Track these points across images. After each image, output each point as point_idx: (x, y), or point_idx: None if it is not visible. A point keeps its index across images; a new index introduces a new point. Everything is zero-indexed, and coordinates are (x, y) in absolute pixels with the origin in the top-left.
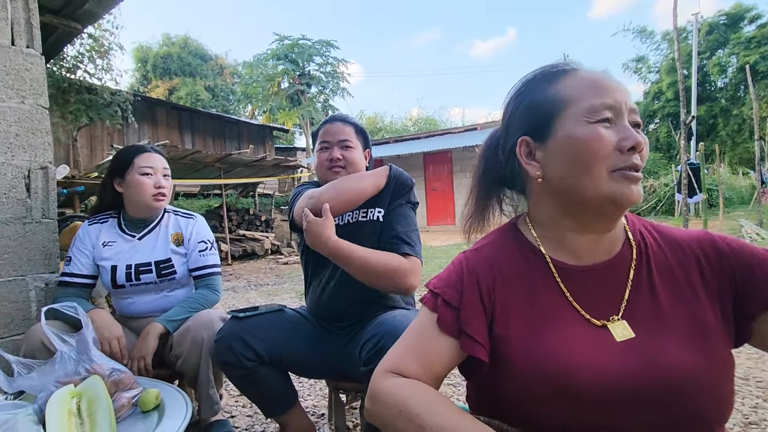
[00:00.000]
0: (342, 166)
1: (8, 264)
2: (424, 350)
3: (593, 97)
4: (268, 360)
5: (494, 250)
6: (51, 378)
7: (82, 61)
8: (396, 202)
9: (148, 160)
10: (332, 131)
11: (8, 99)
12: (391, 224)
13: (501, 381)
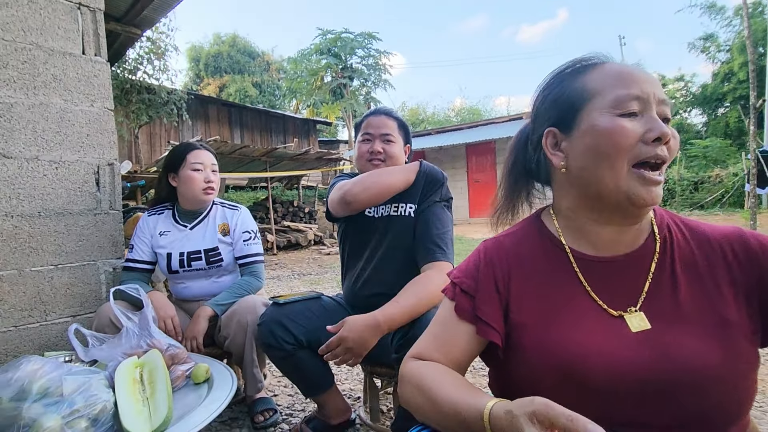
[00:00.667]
0: (382, 159)
1: (82, 250)
2: (444, 337)
3: (620, 88)
4: (306, 344)
5: (514, 241)
6: (118, 350)
7: (142, 63)
8: (429, 200)
9: (198, 156)
10: (375, 124)
11: (80, 103)
12: (426, 226)
13: (515, 368)
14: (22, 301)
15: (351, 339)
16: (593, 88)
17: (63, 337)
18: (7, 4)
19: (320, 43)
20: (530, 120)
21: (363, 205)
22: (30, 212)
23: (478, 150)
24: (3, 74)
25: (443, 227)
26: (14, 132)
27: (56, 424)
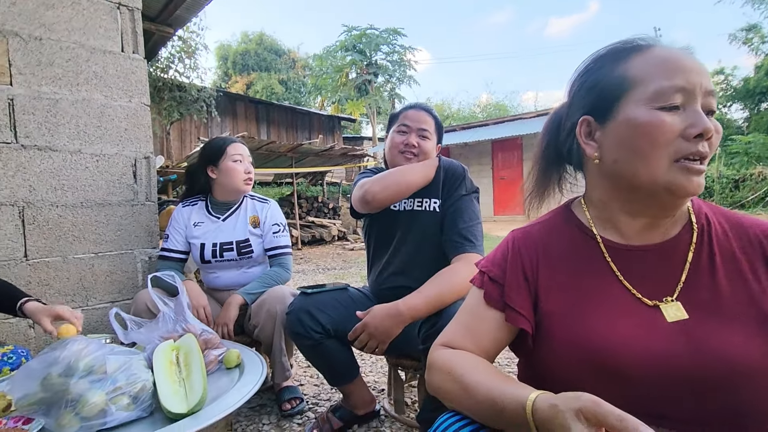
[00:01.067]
0: (415, 153)
1: (121, 240)
2: (472, 325)
3: (663, 78)
4: (333, 333)
5: (543, 230)
6: (156, 333)
7: (173, 61)
8: (456, 194)
9: (238, 149)
10: (415, 117)
11: (119, 99)
12: (453, 220)
13: (544, 357)
14: (66, 286)
15: (373, 325)
16: (634, 76)
17: (103, 321)
18: (53, 6)
19: (345, 40)
20: (566, 104)
21: (382, 203)
22: (73, 202)
23: (504, 146)
24: (49, 72)
25: (471, 219)
26: (59, 126)
27: (101, 400)
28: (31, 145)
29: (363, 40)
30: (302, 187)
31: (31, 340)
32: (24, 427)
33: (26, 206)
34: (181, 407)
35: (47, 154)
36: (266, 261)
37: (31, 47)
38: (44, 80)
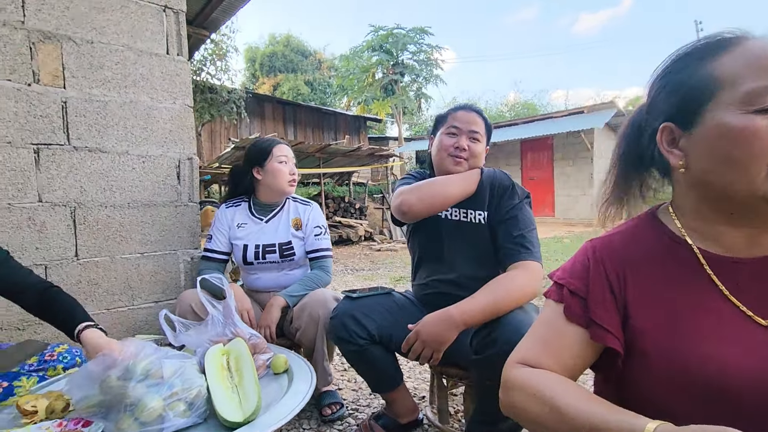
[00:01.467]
0: (465, 157)
1: (164, 240)
2: (553, 342)
3: (756, 78)
4: (378, 339)
5: (627, 240)
6: (205, 337)
7: (205, 63)
8: (507, 204)
9: (283, 150)
10: (465, 119)
11: (164, 100)
12: (507, 228)
13: (637, 378)
14: (113, 285)
15: (425, 332)
16: (723, 76)
17: (148, 321)
18: (104, 9)
19: (372, 40)
20: (644, 108)
21: (419, 215)
22: (121, 203)
23: (534, 146)
24: (99, 75)
25: (526, 226)
26: (108, 128)
27: (158, 405)
28: (83, 146)
29: (390, 40)
30: (329, 187)
31: None
32: (83, 429)
33: (77, 207)
34: (236, 415)
35: (97, 155)
36: (307, 263)
37: (83, 51)
38: (95, 83)
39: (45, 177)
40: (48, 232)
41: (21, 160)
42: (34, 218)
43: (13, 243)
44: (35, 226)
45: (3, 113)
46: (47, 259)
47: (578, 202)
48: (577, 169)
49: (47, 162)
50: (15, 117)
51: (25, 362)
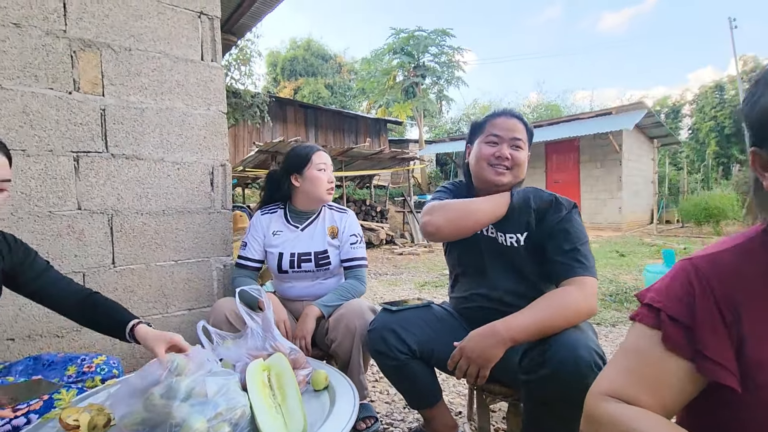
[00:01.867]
0: (508, 167)
1: (198, 247)
2: (648, 374)
3: None
4: (419, 354)
5: (737, 258)
6: (244, 350)
7: (230, 69)
8: (553, 219)
9: (322, 157)
10: (506, 126)
11: (198, 107)
12: (557, 242)
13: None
14: (148, 293)
15: (469, 348)
16: None
17: (181, 328)
18: (142, 17)
19: (393, 43)
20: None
21: (445, 238)
22: (156, 210)
23: (559, 148)
24: (137, 81)
25: (578, 239)
26: (144, 135)
27: (203, 427)
28: (120, 154)
29: (411, 43)
30: (349, 190)
31: (116, 346)
32: None
33: (115, 214)
34: None
35: (133, 162)
36: (341, 272)
37: (121, 58)
38: (132, 90)
39: (84, 185)
40: (86, 240)
41: (61, 168)
42: (73, 226)
43: (53, 250)
44: (74, 234)
45: (45, 122)
46: (85, 266)
47: (606, 205)
48: (605, 171)
49: (86, 170)
50: (56, 125)
51: (37, 396)
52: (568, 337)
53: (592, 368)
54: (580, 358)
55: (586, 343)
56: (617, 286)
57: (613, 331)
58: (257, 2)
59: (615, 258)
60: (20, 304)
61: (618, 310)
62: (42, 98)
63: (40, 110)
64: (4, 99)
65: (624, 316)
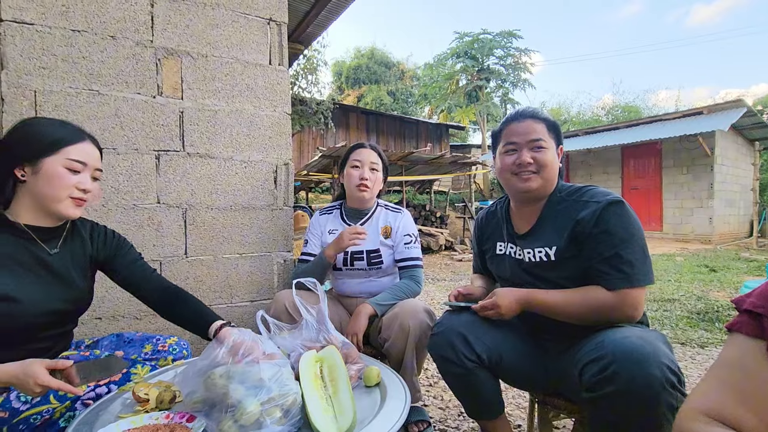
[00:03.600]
0: (534, 171)
1: (261, 242)
2: (750, 390)
3: None
4: (487, 362)
5: None
6: (299, 341)
7: (297, 77)
8: (587, 218)
9: (359, 154)
10: (519, 130)
11: (265, 108)
12: (594, 247)
13: None
14: (215, 283)
15: (505, 307)
16: None
17: (243, 318)
18: (217, 25)
19: (457, 47)
20: None
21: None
22: (224, 206)
23: (637, 152)
24: (211, 86)
25: (619, 241)
26: (216, 135)
27: (256, 410)
28: (195, 152)
29: (475, 46)
30: (409, 195)
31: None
32: (188, 424)
33: (188, 208)
34: (332, 430)
35: (206, 161)
36: (396, 272)
37: (198, 64)
38: (207, 94)
39: (163, 180)
40: (164, 231)
41: (145, 165)
42: (153, 218)
43: (135, 240)
44: (153, 225)
45: (133, 123)
46: (162, 255)
47: (693, 215)
48: (692, 177)
49: (165, 167)
50: (142, 126)
51: (108, 376)
52: (634, 350)
53: (665, 387)
54: (651, 377)
55: (658, 359)
56: (706, 304)
57: (701, 353)
58: (324, 11)
59: (704, 273)
60: (107, 287)
61: (708, 330)
62: (131, 102)
63: (128, 113)
64: (100, 103)
65: (715, 337)
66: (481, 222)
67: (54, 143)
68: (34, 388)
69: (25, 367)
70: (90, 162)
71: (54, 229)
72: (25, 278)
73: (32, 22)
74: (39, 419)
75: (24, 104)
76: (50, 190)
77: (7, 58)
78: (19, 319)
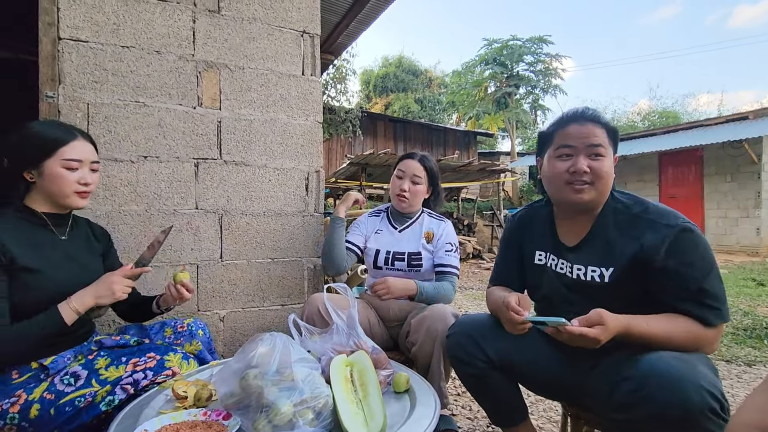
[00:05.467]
0: (589, 181)
1: (292, 248)
2: None
3: None
4: (499, 365)
5: None
6: (329, 345)
7: (327, 87)
8: (655, 242)
9: (405, 165)
10: (579, 133)
11: (298, 117)
12: (673, 280)
13: None
14: (248, 287)
15: (600, 342)
16: None
17: (274, 321)
18: (254, 39)
19: (485, 53)
20: None
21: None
22: (258, 212)
23: (676, 159)
24: (247, 96)
25: (700, 272)
26: (251, 144)
27: (289, 411)
28: (231, 160)
29: (504, 52)
30: None
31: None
32: (224, 422)
33: (224, 214)
34: None
35: (241, 168)
36: (432, 278)
37: (235, 76)
38: (243, 104)
39: (201, 187)
40: (201, 236)
41: (185, 173)
42: (191, 223)
43: (175, 244)
44: (192, 230)
45: (175, 132)
46: (199, 259)
47: (738, 225)
48: (737, 185)
49: (203, 174)
50: (182, 136)
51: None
52: (671, 372)
53: (705, 414)
54: (689, 402)
55: (697, 382)
56: (754, 320)
57: (747, 371)
58: (354, 22)
59: (751, 287)
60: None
61: (755, 348)
62: (173, 113)
63: (171, 123)
64: (146, 114)
65: (764, 355)
66: (519, 223)
67: (49, 147)
68: (115, 286)
69: (102, 278)
70: (85, 157)
71: (62, 216)
72: (47, 257)
73: (87, 40)
74: (82, 401)
75: (78, 116)
76: (56, 188)
77: (64, 74)
78: (44, 290)
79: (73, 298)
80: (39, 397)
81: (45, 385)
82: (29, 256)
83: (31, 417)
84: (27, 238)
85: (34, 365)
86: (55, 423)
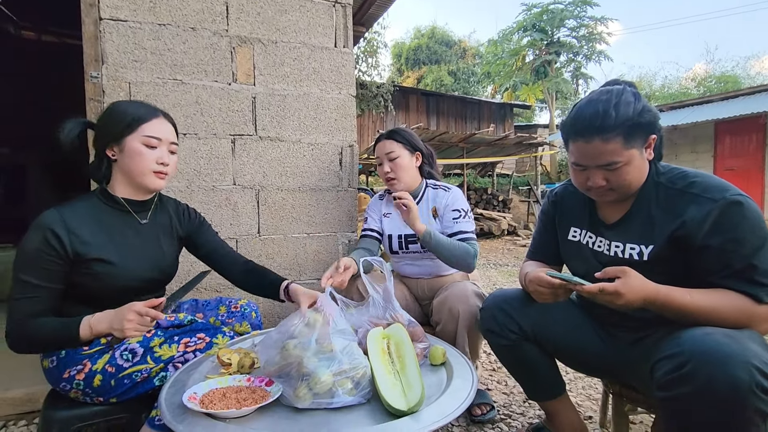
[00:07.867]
0: (610, 188)
1: (326, 222)
2: None
3: None
4: (532, 336)
5: None
6: (366, 317)
7: (358, 61)
8: (697, 217)
9: (376, 150)
10: (585, 153)
11: (331, 91)
12: (720, 257)
13: None
14: (285, 261)
15: (625, 299)
16: None
17: None
18: (286, 11)
19: (524, 20)
20: None
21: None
22: (293, 187)
23: (735, 128)
24: (280, 71)
25: (751, 248)
26: (285, 119)
27: (329, 380)
28: (266, 136)
29: (544, 18)
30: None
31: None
32: (267, 388)
33: (261, 189)
34: (401, 403)
35: (276, 144)
36: None
37: (269, 50)
38: (276, 79)
39: (238, 163)
40: (239, 211)
41: (222, 149)
42: (230, 198)
43: (215, 219)
44: (230, 206)
45: (211, 109)
46: (238, 234)
47: None
48: None
49: (240, 150)
50: (219, 112)
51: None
52: (716, 349)
53: (754, 392)
54: (736, 379)
55: (746, 359)
56: None
57: None
58: None
59: None
60: (191, 261)
61: None
62: (210, 90)
63: (207, 100)
64: (183, 92)
65: None
66: (556, 198)
67: (132, 122)
68: (127, 324)
69: (122, 309)
70: (164, 137)
71: (144, 203)
72: (122, 245)
73: (126, 19)
74: (139, 376)
75: (120, 95)
76: (135, 165)
77: (106, 53)
78: (116, 280)
79: (94, 317)
80: (102, 368)
81: (107, 357)
82: (103, 246)
83: (95, 385)
84: (105, 226)
85: (102, 341)
86: (116, 392)
